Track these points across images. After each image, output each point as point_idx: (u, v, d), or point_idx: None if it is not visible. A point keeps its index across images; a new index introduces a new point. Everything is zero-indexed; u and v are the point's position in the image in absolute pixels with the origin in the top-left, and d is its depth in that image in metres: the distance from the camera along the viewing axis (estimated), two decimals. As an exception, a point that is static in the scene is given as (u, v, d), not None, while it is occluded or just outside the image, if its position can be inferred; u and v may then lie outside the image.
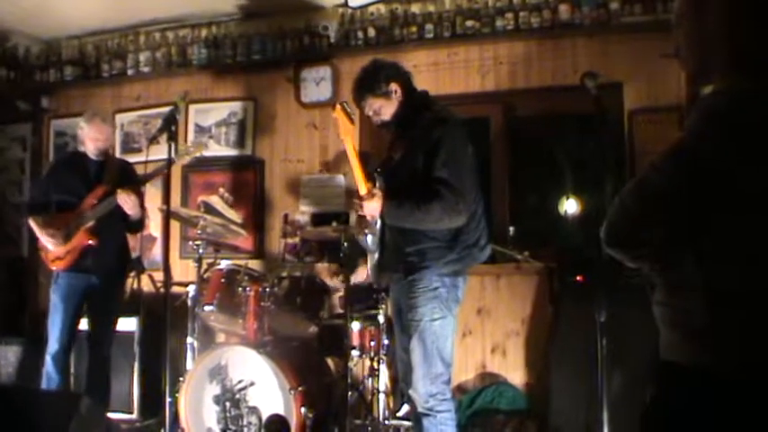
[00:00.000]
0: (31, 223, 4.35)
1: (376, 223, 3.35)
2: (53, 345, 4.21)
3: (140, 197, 4.26)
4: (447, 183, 3.09)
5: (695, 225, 1.47)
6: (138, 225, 4.44)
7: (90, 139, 4.35)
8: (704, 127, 1.50)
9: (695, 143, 1.50)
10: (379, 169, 3.43)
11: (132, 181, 4.35)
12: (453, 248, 3.18)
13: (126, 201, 4.13)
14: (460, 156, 3.18)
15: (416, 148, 3.22)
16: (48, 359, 4.21)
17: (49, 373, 4.19)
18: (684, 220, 1.49)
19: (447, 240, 3.18)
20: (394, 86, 3.35)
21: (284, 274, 4.34)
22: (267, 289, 4.15)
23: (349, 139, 3.46)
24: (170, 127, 3.65)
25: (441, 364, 3.16)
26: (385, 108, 3.37)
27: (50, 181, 4.45)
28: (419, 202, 3.12)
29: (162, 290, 4.36)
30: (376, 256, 3.39)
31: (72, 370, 4.56)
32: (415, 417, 3.31)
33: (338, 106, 3.47)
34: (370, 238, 3.43)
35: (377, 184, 3.34)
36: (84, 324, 4.38)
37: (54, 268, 4.31)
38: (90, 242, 4.21)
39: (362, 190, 3.33)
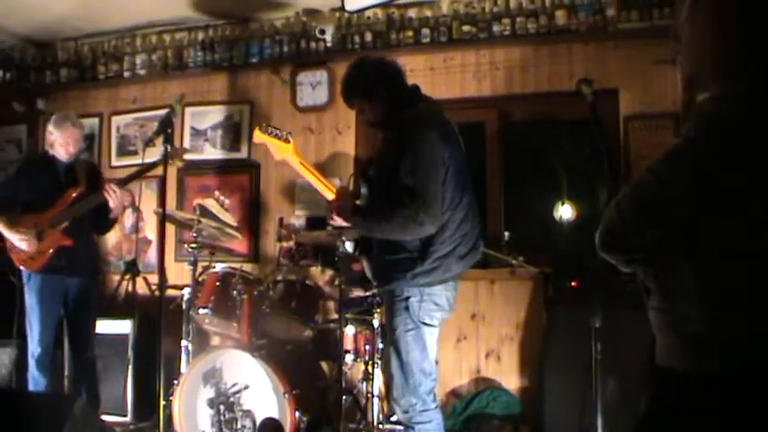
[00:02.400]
0: None
1: (350, 228, 3.28)
2: (35, 348, 4.18)
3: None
4: (411, 191, 2.93)
5: (691, 229, 1.48)
6: (114, 222, 4.48)
7: (60, 144, 4.32)
8: (700, 132, 1.51)
9: (691, 148, 1.50)
10: (362, 173, 3.37)
11: (101, 182, 4.39)
12: (424, 260, 3.02)
13: (113, 195, 4.14)
14: (429, 162, 2.98)
15: (391, 151, 3.09)
16: (31, 362, 4.18)
17: (34, 376, 4.17)
18: (680, 224, 1.50)
19: (418, 251, 3.02)
20: (379, 86, 3.21)
21: (279, 277, 4.34)
22: (262, 292, 4.16)
23: (290, 156, 3.39)
24: (166, 130, 3.64)
25: (420, 374, 3.06)
26: (370, 109, 3.26)
27: (19, 181, 4.37)
28: (385, 212, 3.01)
29: (157, 293, 4.35)
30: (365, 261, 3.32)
31: (66, 372, 4.55)
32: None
33: (257, 132, 3.41)
34: (348, 245, 3.41)
35: (362, 191, 3.27)
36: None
37: (23, 268, 4.26)
38: (66, 243, 4.19)
39: (330, 195, 3.28)
